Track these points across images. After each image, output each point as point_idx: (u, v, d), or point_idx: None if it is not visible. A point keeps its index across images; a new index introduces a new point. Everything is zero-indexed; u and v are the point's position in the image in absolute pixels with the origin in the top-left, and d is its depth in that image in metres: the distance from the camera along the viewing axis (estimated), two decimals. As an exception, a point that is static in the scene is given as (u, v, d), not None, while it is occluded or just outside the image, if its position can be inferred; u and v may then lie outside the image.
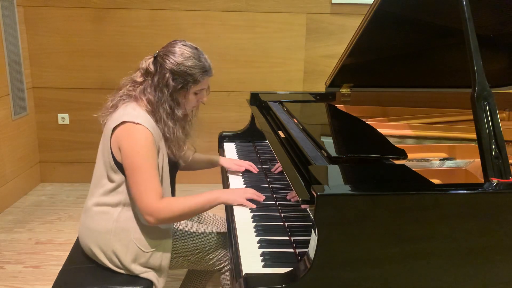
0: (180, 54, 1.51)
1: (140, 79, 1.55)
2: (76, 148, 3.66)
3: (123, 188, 1.52)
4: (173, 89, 1.51)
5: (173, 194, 1.70)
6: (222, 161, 1.97)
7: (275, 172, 1.87)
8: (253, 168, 1.93)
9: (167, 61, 1.50)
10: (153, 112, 1.51)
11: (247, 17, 3.50)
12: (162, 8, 3.46)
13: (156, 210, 1.43)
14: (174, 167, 1.66)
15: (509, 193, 1.09)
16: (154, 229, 1.54)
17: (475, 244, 1.07)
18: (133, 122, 1.45)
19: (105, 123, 1.56)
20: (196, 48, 1.56)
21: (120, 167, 1.50)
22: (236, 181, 1.85)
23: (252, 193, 1.58)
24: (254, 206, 1.55)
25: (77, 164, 3.67)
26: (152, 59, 1.54)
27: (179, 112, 1.54)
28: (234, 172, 1.93)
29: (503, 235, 1.08)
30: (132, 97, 1.54)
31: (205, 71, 1.55)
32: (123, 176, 1.51)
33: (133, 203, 1.51)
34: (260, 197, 1.58)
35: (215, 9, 3.48)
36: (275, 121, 1.89)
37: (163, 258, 1.56)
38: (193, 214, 1.56)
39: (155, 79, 1.51)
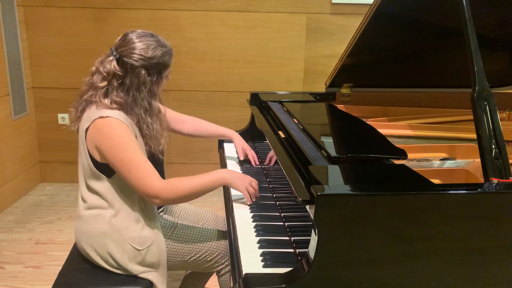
0: (147, 48, 1.47)
1: (102, 83, 1.48)
2: (76, 148, 3.59)
3: (107, 190, 1.50)
4: (150, 84, 1.50)
5: None
6: (234, 136, 2.01)
7: (271, 164, 1.93)
8: (254, 161, 1.96)
9: (136, 59, 1.46)
10: (125, 111, 1.48)
11: (247, 17, 3.50)
12: (162, 8, 3.46)
13: (161, 190, 1.42)
14: (154, 160, 1.63)
15: (509, 193, 1.09)
16: (145, 226, 1.54)
17: (475, 244, 1.07)
18: (101, 117, 1.44)
19: (77, 128, 1.56)
20: (152, 35, 1.53)
21: (101, 168, 1.48)
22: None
23: (256, 186, 1.58)
24: (250, 201, 1.56)
25: (77, 164, 3.65)
26: (115, 61, 1.48)
27: (155, 105, 1.54)
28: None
29: (503, 235, 1.08)
30: (94, 102, 1.50)
31: (171, 54, 1.56)
32: (103, 181, 1.50)
33: (122, 203, 1.51)
34: (256, 193, 1.59)
35: (215, 9, 3.48)
36: (275, 121, 1.89)
37: (159, 253, 1.56)
38: (199, 194, 1.52)
39: (127, 81, 1.47)
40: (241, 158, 1.98)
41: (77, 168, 1.61)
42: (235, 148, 2.02)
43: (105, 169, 1.49)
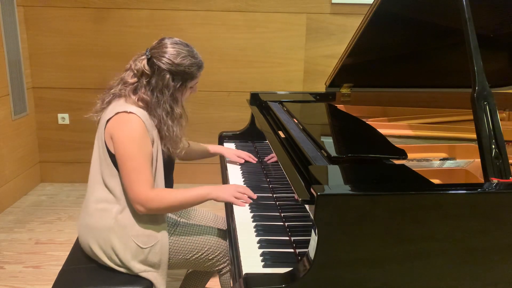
0: (177, 54, 1.53)
1: (132, 80, 1.55)
2: (76, 148, 3.66)
3: (116, 185, 1.53)
4: (173, 89, 1.54)
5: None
6: (223, 150, 2.05)
7: (268, 162, 1.95)
8: (252, 158, 2.01)
9: (164, 62, 1.51)
10: (149, 110, 1.53)
11: (247, 17, 3.50)
12: (162, 8, 3.46)
13: (146, 200, 1.47)
14: (169, 162, 1.67)
15: (509, 193, 1.09)
16: (151, 225, 1.55)
17: (475, 244, 1.07)
18: (125, 111, 1.49)
19: (99, 119, 1.60)
20: (187, 45, 1.59)
21: (113, 159, 1.51)
22: (235, 178, 1.86)
23: (244, 190, 1.59)
24: (243, 204, 1.56)
25: (77, 164, 3.67)
26: (146, 60, 1.54)
27: (177, 110, 1.57)
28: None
29: (503, 235, 1.08)
30: (123, 96, 1.56)
31: (200, 66, 1.61)
32: (114, 175, 1.52)
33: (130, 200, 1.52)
34: (251, 194, 1.59)
35: (215, 9, 3.48)
36: (275, 121, 1.89)
37: (162, 253, 1.56)
38: (183, 207, 1.61)
39: (153, 81, 1.52)
40: (243, 162, 2.00)
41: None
42: (230, 159, 2.02)
43: (116, 161, 1.51)
